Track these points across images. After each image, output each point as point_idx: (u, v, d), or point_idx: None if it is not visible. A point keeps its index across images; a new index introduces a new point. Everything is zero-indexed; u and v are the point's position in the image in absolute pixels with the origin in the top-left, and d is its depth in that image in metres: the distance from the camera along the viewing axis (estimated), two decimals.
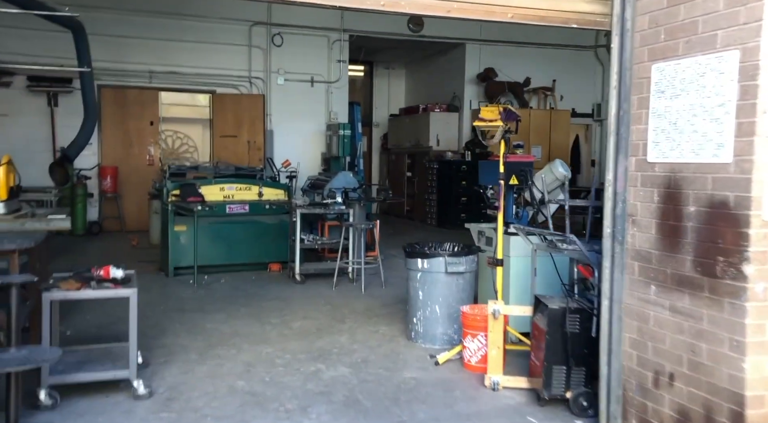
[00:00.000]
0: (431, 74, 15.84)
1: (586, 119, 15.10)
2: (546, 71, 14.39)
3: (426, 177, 14.12)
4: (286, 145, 13.04)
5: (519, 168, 4.98)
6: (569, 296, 3.77)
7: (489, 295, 5.30)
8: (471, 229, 5.78)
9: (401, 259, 9.33)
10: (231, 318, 5.99)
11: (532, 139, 13.87)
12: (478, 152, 13.23)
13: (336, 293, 7.13)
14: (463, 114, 14.30)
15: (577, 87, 14.78)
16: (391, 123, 16.66)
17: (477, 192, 5.96)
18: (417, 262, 5.03)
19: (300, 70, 13.37)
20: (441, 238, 11.96)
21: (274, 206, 8.48)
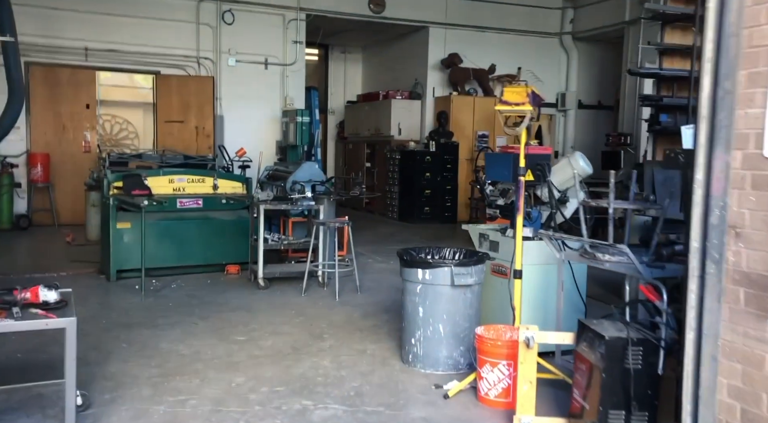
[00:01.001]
0: (391, 59, 15.04)
1: (550, 109, 14.62)
2: (511, 58, 13.81)
3: (387, 168, 13.36)
4: (238, 132, 12.03)
5: (535, 162, 4.27)
6: (625, 322, 3.09)
7: (494, 312, 4.60)
8: (470, 230, 5.06)
9: (369, 259, 8.60)
10: (189, 335, 5.09)
11: (497, 129, 13.28)
12: (443, 142, 12.55)
13: (307, 301, 6.30)
14: (425, 102, 13.58)
15: (542, 76, 14.26)
16: (348, 110, 15.80)
17: (476, 186, 5.24)
18: (416, 273, 4.26)
19: (253, 51, 12.35)
20: (404, 232, 11.25)
21: (231, 201, 7.55)
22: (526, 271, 4.38)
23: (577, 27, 14.25)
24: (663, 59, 7.87)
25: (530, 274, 4.37)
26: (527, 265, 4.39)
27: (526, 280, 4.37)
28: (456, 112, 12.95)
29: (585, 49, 14.59)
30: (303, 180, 7.25)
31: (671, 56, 7.87)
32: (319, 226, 6.64)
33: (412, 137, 13.35)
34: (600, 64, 14.76)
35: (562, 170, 4.44)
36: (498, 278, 4.64)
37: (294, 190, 7.20)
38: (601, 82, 14.80)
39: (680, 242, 3.56)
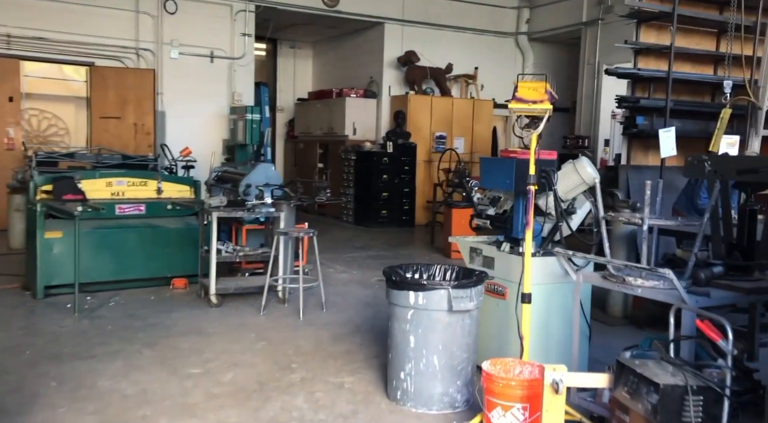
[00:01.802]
0: (345, 56, 14.40)
1: (506, 110, 14.26)
2: (468, 58, 13.42)
3: (341, 169, 12.71)
4: (181, 130, 11.17)
5: (539, 168, 3.75)
6: (677, 365, 2.58)
7: (489, 338, 4.07)
8: (459, 244, 4.51)
9: (330, 269, 7.91)
10: (133, 368, 4.35)
11: (455, 130, 12.88)
12: (401, 143, 12.01)
13: (267, 321, 5.62)
14: (381, 100, 13.02)
15: (498, 76, 13.91)
16: (299, 108, 15.07)
17: (441, 187, 4.70)
18: (408, 296, 3.67)
19: (198, 43, 11.50)
20: (361, 237, 10.65)
21: (178, 207, 6.78)
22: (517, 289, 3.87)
23: (533, 27, 13.98)
24: (638, 59, 7.55)
25: (532, 296, 3.85)
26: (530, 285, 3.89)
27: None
28: (413, 112, 12.44)
29: (541, 50, 14.35)
30: (258, 183, 6.55)
31: (646, 56, 7.57)
32: (280, 236, 5.96)
33: (367, 137, 12.76)
34: (555, 66, 14.53)
35: (566, 177, 3.95)
36: (493, 299, 4.11)
37: (248, 194, 6.50)
38: (557, 83, 14.56)
39: (717, 262, 3.10)
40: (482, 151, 12.89)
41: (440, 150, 12.52)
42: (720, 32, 7.83)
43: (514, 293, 3.96)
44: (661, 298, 2.90)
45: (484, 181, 4.14)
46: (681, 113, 7.32)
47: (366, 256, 8.90)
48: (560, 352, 3.97)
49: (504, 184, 3.89)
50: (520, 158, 3.79)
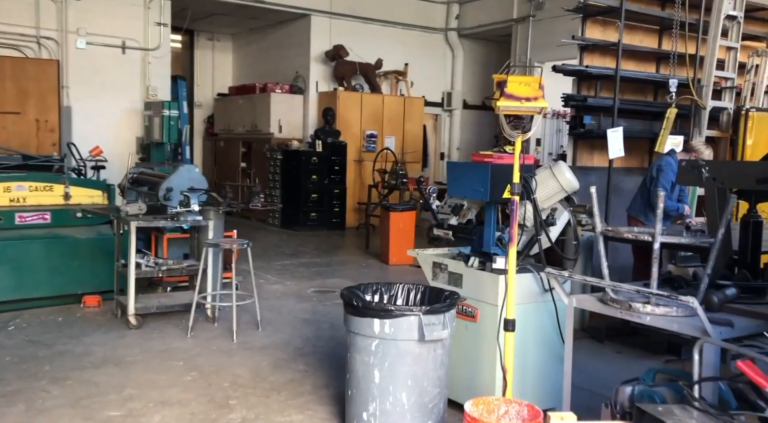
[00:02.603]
0: (268, 49, 13.66)
1: (436, 108, 14.03)
2: (398, 53, 13.03)
3: (267, 169, 12.03)
4: (90, 127, 10.16)
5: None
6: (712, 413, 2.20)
7: (457, 367, 3.61)
8: (420, 259, 4.03)
9: (261, 279, 7.21)
10: (37, 413, 3.63)
11: (386, 129, 12.45)
12: (330, 142, 11.45)
13: (196, 345, 4.96)
14: (308, 96, 12.41)
15: (428, 73, 13.63)
16: (219, 104, 14.21)
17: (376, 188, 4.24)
18: (372, 325, 3.16)
19: (108, 33, 10.52)
20: (291, 242, 10.01)
21: (89, 214, 5.98)
22: (499, 312, 3.45)
23: (463, 23, 13.75)
24: (583, 56, 7.34)
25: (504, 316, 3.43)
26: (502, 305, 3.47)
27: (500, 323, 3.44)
28: (343, 109, 11.90)
29: (471, 46, 14.15)
30: (181, 187, 5.84)
31: (591, 53, 7.37)
32: (209, 247, 5.30)
33: (294, 135, 12.13)
34: (485, 63, 14.39)
35: (543, 184, 3.56)
36: (462, 321, 3.66)
37: (169, 199, 5.78)
38: (487, 81, 14.43)
39: (728, 283, 2.78)
40: (414, 150, 12.54)
41: (371, 149, 12.07)
42: (662, 29, 7.75)
43: (487, 315, 3.56)
44: (675, 328, 2.54)
45: (453, 189, 3.69)
46: (625, 112, 7.16)
47: (298, 264, 8.31)
48: (538, 380, 3.60)
49: (477, 192, 3.45)
50: (495, 163, 3.36)
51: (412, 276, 7.79)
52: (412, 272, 8.00)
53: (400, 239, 8.26)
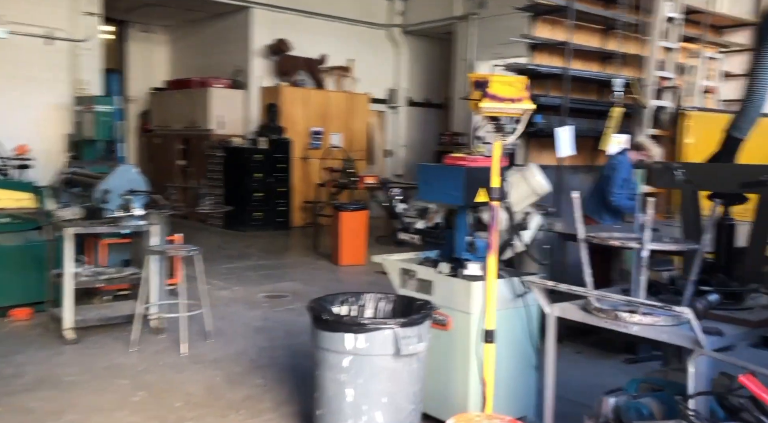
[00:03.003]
0: (207, 42, 13.13)
1: (381, 105, 13.86)
2: (342, 49, 12.77)
3: (206, 167, 11.57)
4: (12, 124, 9.40)
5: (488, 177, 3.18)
6: None
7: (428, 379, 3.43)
8: (387, 265, 3.83)
9: (207, 285, 6.67)
10: None
11: (331, 126, 12.19)
12: (275, 139, 11.12)
13: (142, 360, 4.61)
14: (250, 92, 11.99)
15: (372, 70, 13.44)
16: (155, 99, 13.57)
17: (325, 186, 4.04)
18: (343, 340, 2.95)
19: (32, 21, 9.78)
20: (235, 243, 9.63)
21: (18, 221, 5.50)
22: (472, 321, 3.31)
23: (407, 20, 13.63)
24: (533, 55, 7.32)
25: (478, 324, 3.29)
26: (475, 313, 3.33)
27: (473, 332, 3.30)
28: (287, 105, 11.57)
29: (415, 43, 14.05)
30: (119, 189, 5.44)
31: (540, 52, 7.35)
32: (155, 255, 4.94)
33: (236, 132, 11.70)
34: (429, 61, 14.33)
35: (515, 187, 3.42)
36: (433, 330, 3.48)
37: (106, 202, 5.37)
38: (431, 79, 14.39)
39: (710, 289, 2.71)
40: (360, 148, 12.33)
41: (317, 146, 11.80)
42: (606, 29, 7.83)
43: (459, 323, 3.40)
44: (664, 338, 2.45)
45: (424, 193, 3.50)
46: (572, 111, 7.18)
47: (245, 267, 7.98)
48: (509, 388, 3.46)
49: (450, 196, 3.28)
50: (470, 166, 3.20)
51: (365, 277, 7.61)
52: (364, 273, 7.81)
53: (351, 239, 8.05)
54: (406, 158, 14.19)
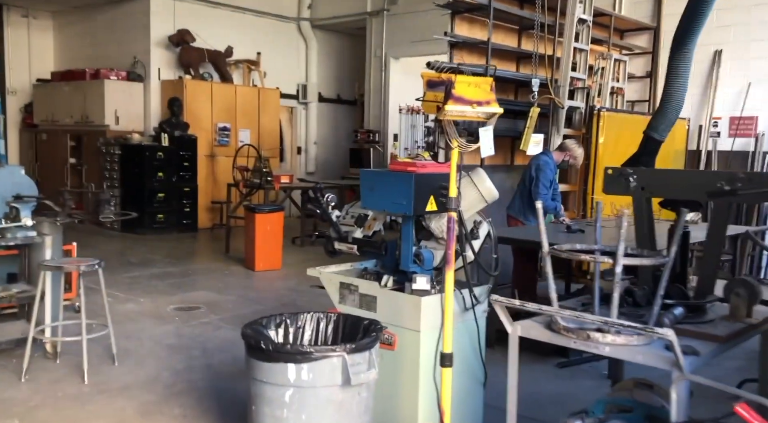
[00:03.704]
0: (98, 30, 12.14)
1: (291, 101, 13.41)
2: (249, 42, 12.21)
3: (102, 165, 10.72)
4: None
5: (439, 184, 2.94)
6: None
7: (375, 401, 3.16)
8: (324, 279, 3.49)
9: (109, 298, 5.88)
10: None
11: (240, 122, 11.63)
12: (178, 135, 10.43)
13: (35, 392, 4.02)
14: (149, 85, 11.20)
15: (282, 64, 12.97)
16: (39, 91, 12.44)
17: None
18: (285, 371, 2.61)
19: None
20: (136, 248, 8.92)
21: None
22: (421, 339, 3.06)
23: (316, 14, 13.25)
24: (453, 53, 7.18)
25: (427, 343, 3.05)
26: (424, 331, 3.08)
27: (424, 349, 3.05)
28: (191, 100, 10.89)
29: (325, 38, 13.69)
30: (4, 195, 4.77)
31: (460, 50, 7.23)
32: (48, 271, 4.34)
33: (135, 128, 10.90)
34: (340, 56, 14.01)
35: (463, 193, 3.18)
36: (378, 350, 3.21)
37: None
38: (342, 75, 14.07)
39: (674, 302, 2.60)
40: (270, 145, 11.83)
41: (224, 143, 11.22)
42: (522, 29, 7.84)
43: (406, 342, 3.14)
44: (639, 360, 2.28)
45: (368, 201, 3.20)
46: None
47: (150, 276, 7.37)
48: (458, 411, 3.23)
49: (397, 205, 2.99)
50: (419, 172, 2.93)
51: (283, 283, 7.21)
52: (282, 278, 7.41)
53: (267, 243, 7.62)
54: (318, 155, 13.83)
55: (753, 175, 2.56)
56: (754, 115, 7.94)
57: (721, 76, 8.10)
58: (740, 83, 7.98)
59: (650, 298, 2.74)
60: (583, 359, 4.75)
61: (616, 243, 2.29)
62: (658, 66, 8.74)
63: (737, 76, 8.00)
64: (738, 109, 7.89)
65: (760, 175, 2.52)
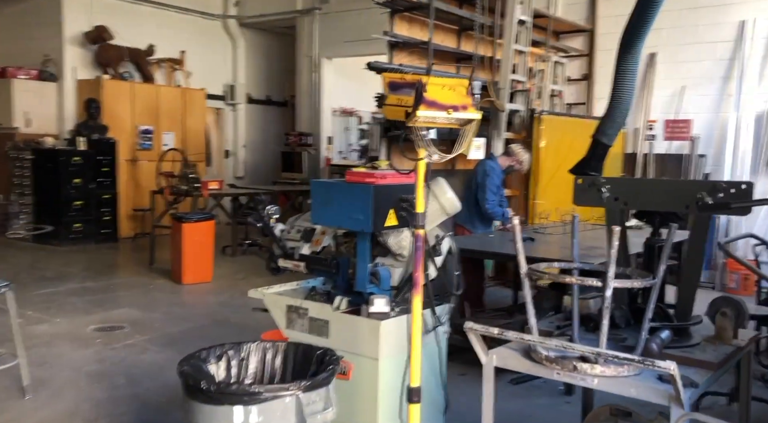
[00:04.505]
0: (5, 26, 11.19)
1: (218, 102, 12.84)
2: (173, 40, 11.59)
3: (11, 172, 9.87)
4: None
5: (400, 197, 2.66)
6: None
7: None
8: (268, 302, 3.14)
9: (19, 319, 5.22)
10: None
11: (163, 124, 11.00)
12: (97, 139, 9.74)
13: None
14: (64, 85, 10.42)
15: (207, 64, 12.40)
16: None
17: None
18: (231, 414, 2.25)
19: None
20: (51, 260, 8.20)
21: None
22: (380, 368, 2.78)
23: (243, 11, 12.76)
24: (393, 53, 6.92)
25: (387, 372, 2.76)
26: (384, 358, 2.79)
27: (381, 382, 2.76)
28: (110, 101, 10.20)
29: (253, 37, 13.20)
30: None
31: (401, 50, 6.99)
32: None
33: (48, 131, 10.12)
34: (270, 56, 13.55)
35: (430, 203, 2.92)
36: None
37: None
38: (272, 75, 13.60)
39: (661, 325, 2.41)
40: (196, 149, 11.24)
41: (147, 147, 10.57)
42: (461, 30, 7.69)
43: (363, 372, 2.85)
44: (633, 393, 2.06)
45: (320, 216, 2.86)
46: None
47: (67, 292, 6.75)
48: None
49: (355, 221, 2.68)
50: (379, 184, 2.64)
51: (214, 297, 6.76)
52: (213, 292, 6.95)
53: (196, 254, 7.13)
54: (247, 159, 13.31)
55: (732, 185, 2.41)
56: (689, 118, 8.08)
57: (655, 79, 8.21)
58: (674, 86, 8.10)
59: (628, 318, 2.57)
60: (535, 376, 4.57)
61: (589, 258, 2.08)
62: (594, 68, 8.79)
63: (671, 79, 8.12)
64: (673, 112, 8.01)
65: (739, 184, 2.35)
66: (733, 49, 7.85)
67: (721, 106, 7.95)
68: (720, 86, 7.94)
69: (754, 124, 7.70)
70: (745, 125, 7.72)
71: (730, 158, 7.81)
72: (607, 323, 2.10)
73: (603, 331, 2.10)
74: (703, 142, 8.01)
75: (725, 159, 7.82)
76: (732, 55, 7.86)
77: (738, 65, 7.80)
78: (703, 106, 8.05)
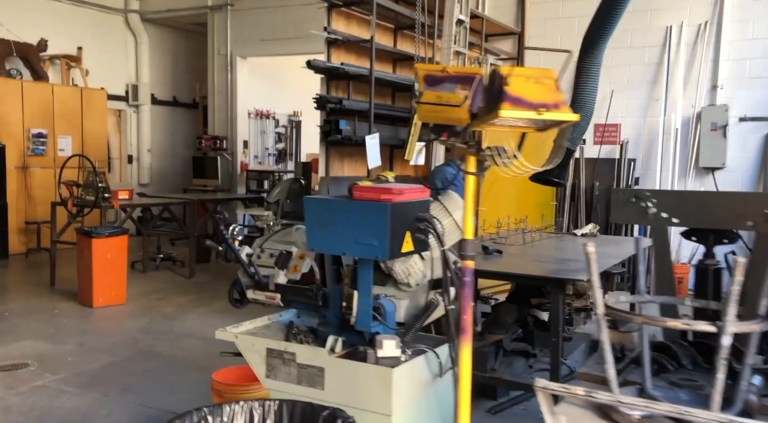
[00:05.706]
0: None
1: (120, 103, 11.76)
2: (68, 35, 10.50)
3: None
4: None
5: (418, 213, 2.19)
6: None
7: None
8: (242, 344, 2.56)
9: None
10: None
11: (59, 127, 9.88)
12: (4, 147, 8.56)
13: None
14: None
15: (107, 61, 11.33)
16: None
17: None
18: None
19: None
20: None
21: None
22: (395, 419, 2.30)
23: (146, 6, 11.78)
24: (331, 52, 6.42)
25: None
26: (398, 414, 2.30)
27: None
28: None
29: (158, 34, 12.21)
30: None
31: (338, 49, 6.50)
32: None
33: None
34: (176, 54, 12.59)
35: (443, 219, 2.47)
36: None
37: None
38: (179, 75, 12.65)
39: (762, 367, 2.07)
40: (98, 155, 10.17)
41: (40, 152, 9.44)
42: (397, 29, 7.31)
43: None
44: None
45: (318, 242, 2.30)
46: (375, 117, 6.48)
47: None
48: None
49: (367, 248, 2.16)
50: (396, 201, 2.15)
51: (132, 322, 5.95)
52: (129, 316, 6.13)
53: (107, 273, 6.28)
54: (153, 165, 12.28)
55: None
56: (617, 123, 8.10)
57: None
58: (604, 90, 8.08)
59: (694, 355, 2.23)
60: (514, 400, 4.23)
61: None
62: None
63: (600, 83, 8.05)
64: (603, 117, 7.99)
65: None
66: (660, 54, 7.95)
67: (648, 110, 8.03)
68: (648, 91, 8.03)
69: (681, 128, 7.82)
70: (673, 129, 7.82)
71: (659, 162, 7.90)
72: (722, 383, 1.72)
73: (717, 389, 1.72)
74: (632, 146, 8.06)
75: (655, 163, 7.90)
76: (659, 59, 7.96)
77: (664, 70, 7.91)
78: (631, 110, 8.11)
